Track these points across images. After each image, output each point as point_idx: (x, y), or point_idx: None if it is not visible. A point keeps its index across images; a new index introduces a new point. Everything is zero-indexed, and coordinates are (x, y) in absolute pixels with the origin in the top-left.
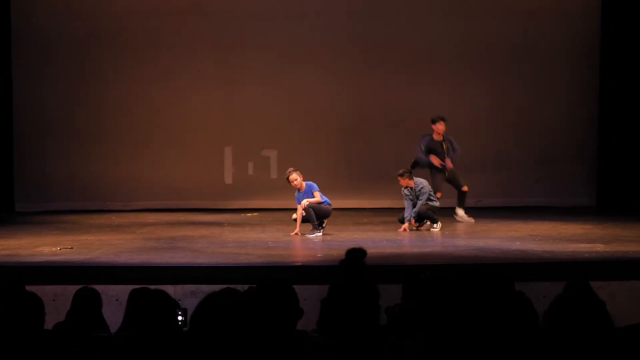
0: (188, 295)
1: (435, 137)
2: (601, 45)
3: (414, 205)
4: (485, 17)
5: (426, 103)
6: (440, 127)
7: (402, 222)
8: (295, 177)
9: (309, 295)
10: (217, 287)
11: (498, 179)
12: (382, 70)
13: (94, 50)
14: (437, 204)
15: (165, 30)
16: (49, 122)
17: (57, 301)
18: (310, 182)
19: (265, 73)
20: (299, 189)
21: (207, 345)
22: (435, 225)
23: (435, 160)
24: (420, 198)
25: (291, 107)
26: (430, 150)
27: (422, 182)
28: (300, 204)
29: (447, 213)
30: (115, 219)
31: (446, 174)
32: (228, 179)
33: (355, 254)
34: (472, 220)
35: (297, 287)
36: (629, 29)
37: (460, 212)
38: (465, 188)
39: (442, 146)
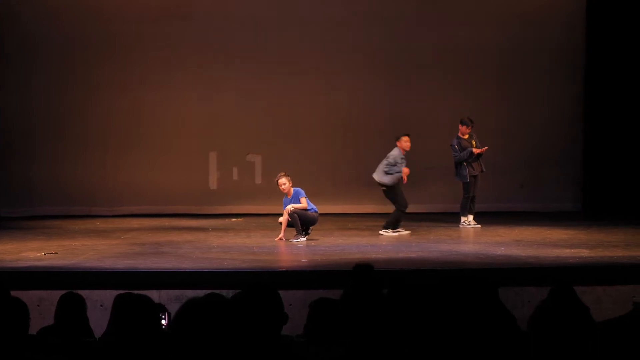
0: (173, 301)
1: (463, 136)
2: (585, 52)
3: None
4: (471, 25)
5: (411, 109)
6: (463, 129)
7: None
8: (284, 182)
9: (294, 301)
10: (201, 293)
11: (483, 184)
12: (367, 77)
13: (80, 55)
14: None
15: (151, 36)
16: (34, 127)
17: (42, 306)
18: (297, 189)
19: (251, 79)
20: (286, 194)
21: (190, 350)
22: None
23: (475, 150)
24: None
25: (276, 113)
26: (463, 148)
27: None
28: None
29: (439, 218)
30: (100, 224)
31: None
32: (213, 184)
33: (363, 269)
34: (478, 225)
35: (282, 292)
36: (613, 35)
37: (470, 217)
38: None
39: (472, 142)
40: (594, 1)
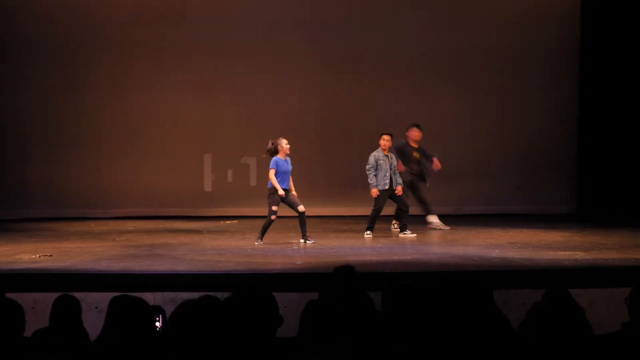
0: (168, 303)
1: (411, 143)
2: (581, 53)
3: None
4: (465, 26)
5: (405, 112)
6: (413, 134)
7: None
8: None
9: (288, 303)
10: (196, 295)
11: (478, 187)
12: (361, 80)
13: (75, 58)
14: None
15: (145, 39)
16: (29, 129)
17: (37, 308)
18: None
19: (245, 81)
20: (280, 156)
21: (185, 351)
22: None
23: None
24: None
25: (270, 115)
26: (399, 153)
27: None
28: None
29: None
30: (94, 226)
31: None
32: (207, 187)
33: (344, 271)
34: (447, 227)
35: (276, 295)
36: (609, 36)
37: (433, 219)
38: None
39: (413, 154)
40: (588, 3)
